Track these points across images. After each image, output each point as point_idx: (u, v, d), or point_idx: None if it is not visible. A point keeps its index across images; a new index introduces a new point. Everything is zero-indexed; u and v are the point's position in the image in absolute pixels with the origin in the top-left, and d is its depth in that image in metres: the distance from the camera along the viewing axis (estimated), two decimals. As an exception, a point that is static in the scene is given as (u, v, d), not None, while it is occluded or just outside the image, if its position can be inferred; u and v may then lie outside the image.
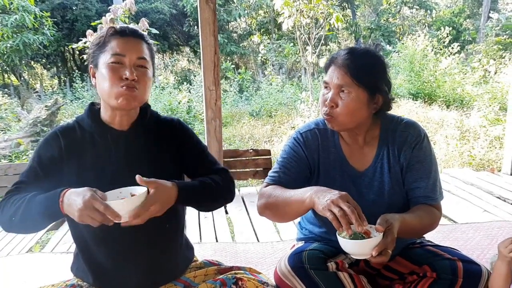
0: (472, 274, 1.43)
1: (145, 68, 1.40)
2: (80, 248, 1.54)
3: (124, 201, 1.22)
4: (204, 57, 3.48)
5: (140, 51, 1.39)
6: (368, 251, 1.26)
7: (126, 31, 1.39)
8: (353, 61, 1.45)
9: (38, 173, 1.39)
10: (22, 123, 8.90)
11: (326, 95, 1.50)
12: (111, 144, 1.44)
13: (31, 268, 2.25)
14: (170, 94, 10.98)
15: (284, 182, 1.57)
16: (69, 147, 1.41)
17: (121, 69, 1.34)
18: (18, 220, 1.30)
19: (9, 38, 11.76)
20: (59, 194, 1.25)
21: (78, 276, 1.55)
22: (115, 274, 1.51)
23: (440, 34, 12.22)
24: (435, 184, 1.56)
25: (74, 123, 1.48)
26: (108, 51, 1.35)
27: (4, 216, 1.34)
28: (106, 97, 1.39)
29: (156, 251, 1.54)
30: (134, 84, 1.36)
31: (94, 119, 1.46)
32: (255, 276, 1.58)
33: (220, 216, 3.25)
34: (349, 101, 1.45)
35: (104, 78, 1.35)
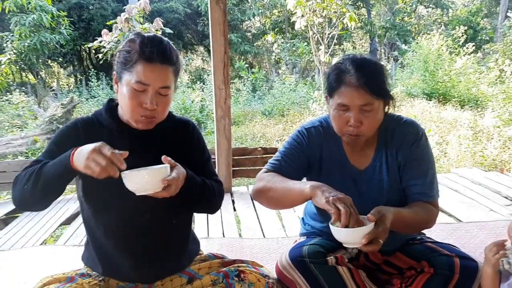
0: (468, 270, 1.46)
1: (166, 95, 1.42)
2: (90, 239, 1.60)
3: (142, 170, 1.27)
4: (214, 57, 3.53)
5: (165, 80, 1.39)
6: (359, 239, 1.29)
7: (154, 56, 1.36)
8: (367, 77, 1.45)
9: (54, 152, 1.40)
10: (38, 121, 9.10)
11: (345, 116, 1.49)
12: (127, 142, 1.48)
13: (44, 259, 2.34)
14: (184, 93, 11.07)
15: (284, 171, 1.60)
16: (87, 139, 1.41)
17: (143, 96, 1.36)
18: (30, 186, 1.31)
19: (27, 37, 11.99)
20: (70, 153, 1.28)
21: (88, 265, 1.62)
22: (123, 265, 1.57)
23: (455, 34, 12.09)
24: (432, 182, 1.58)
25: (93, 117, 1.53)
26: (133, 74, 1.36)
27: (18, 186, 1.36)
28: (126, 114, 1.43)
29: (163, 245, 1.59)
30: (153, 113, 1.39)
31: (112, 116, 1.50)
32: (257, 269, 1.63)
33: (228, 213, 3.31)
34: (374, 115, 1.48)
35: (125, 97, 1.38)
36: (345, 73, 1.48)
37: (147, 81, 1.35)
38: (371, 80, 1.45)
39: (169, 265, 1.64)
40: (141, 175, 1.26)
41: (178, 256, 1.65)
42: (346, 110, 1.48)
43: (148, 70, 1.35)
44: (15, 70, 14.84)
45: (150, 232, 1.54)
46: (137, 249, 1.55)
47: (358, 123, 1.47)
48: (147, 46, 1.36)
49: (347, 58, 1.54)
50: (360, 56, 1.57)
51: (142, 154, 1.49)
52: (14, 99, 10.90)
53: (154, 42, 1.38)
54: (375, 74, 1.49)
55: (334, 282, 1.51)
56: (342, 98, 1.47)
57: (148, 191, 1.26)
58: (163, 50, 1.40)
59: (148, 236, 1.54)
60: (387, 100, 1.52)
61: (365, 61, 1.51)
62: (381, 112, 1.51)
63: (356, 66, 1.47)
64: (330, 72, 1.54)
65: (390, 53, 19.48)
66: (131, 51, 1.37)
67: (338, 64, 1.54)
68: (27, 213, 3.56)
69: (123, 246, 1.54)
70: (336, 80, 1.50)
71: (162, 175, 1.28)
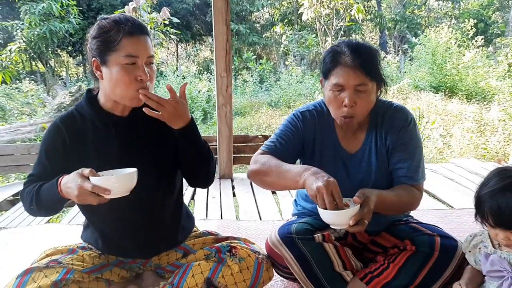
0: (448, 248, 1.53)
1: (152, 64, 1.48)
2: (89, 221, 1.69)
3: (110, 177, 1.34)
4: (217, 45, 3.60)
5: (149, 48, 1.45)
6: (346, 220, 1.34)
7: (134, 30, 1.41)
8: (362, 58, 1.51)
9: (46, 165, 1.51)
10: (47, 109, 9.24)
11: (339, 97, 1.53)
12: (113, 130, 1.53)
13: (49, 236, 2.45)
14: (191, 83, 11.12)
15: (279, 152, 1.66)
16: (72, 137, 1.50)
17: (135, 70, 1.41)
18: (36, 208, 1.47)
19: (37, 25, 12.07)
20: (56, 184, 1.37)
21: (87, 242, 1.71)
22: (121, 243, 1.67)
23: (464, 27, 11.99)
24: (418, 166, 1.63)
25: (74, 111, 1.56)
26: (120, 51, 1.39)
27: (25, 205, 1.51)
28: (118, 97, 1.46)
29: (158, 223, 1.68)
30: (147, 85, 1.44)
31: (93, 107, 1.53)
32: (248, 245, 1.71)
33: (227, 198, 3.40)
34: (367, 96, 1.53)
35: (117, 79, 1.41)
36: (341, 54, 1.53)
37: (136, 53, 1.40)
38: (366, 62, 1.51)
39: (165, 241, 1.73)
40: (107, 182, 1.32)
41: (173, 233, 1.74)
42: (341, 90, 1.53)
43: (134, 42, 1.40)
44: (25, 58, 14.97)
45: (146, 211, 1.62)
46: (134, 228, 1.64)
47: (352, 103, 1.51)
48: (124, 23, 1.41)
49: (342, 42, 1.59)
50: (355, 40, 1.62)
51: (127, 139, 1.55)
52: (23, 87, 11.05)
53: (126, 19, 1.43)
54: (370, 57, 1.54)
55: (320, 258, 1.58)
56: (338, 78, 1.52)
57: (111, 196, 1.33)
58: (138, 23, 1.46)
59: (144, 215, 1.62)
60: (380, 83, 1.57)
61: (359, 44, 1.57)
62: (374, 94, 1.56)
63: (352, 48, 1.53)
64: (326, 55, 1.60)
65: (400, 46, 19.32)
66: (109, 32, 1.40)
67: (333, 46, 1.60)
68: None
69: (120, 226, 1.63)
70: (332, 61, 1.55)
71: (126, 182, 1.35)
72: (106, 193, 1.30)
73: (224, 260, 1.62)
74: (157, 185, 1.61)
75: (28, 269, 1.49)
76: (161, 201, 1.64)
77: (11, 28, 12.60)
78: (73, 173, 1.33)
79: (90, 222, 1.69)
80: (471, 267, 1.46)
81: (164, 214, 1.68)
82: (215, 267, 1.60)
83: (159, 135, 1.57)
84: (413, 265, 1.54)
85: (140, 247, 1.69)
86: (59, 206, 1.50)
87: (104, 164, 1.48)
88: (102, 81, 1.47)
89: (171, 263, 1.71)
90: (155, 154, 1.58)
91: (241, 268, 1.60)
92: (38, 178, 1.51)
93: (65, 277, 1.46)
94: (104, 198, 1.32)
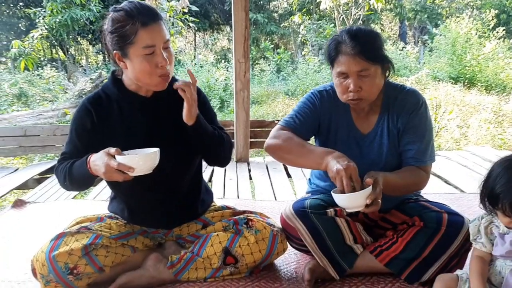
0: (454, 224, 1.60)
1: (169, 47, 1.55)
2: (116, 194, 1.82)
3: (135, 156, 1.45)
4: (236, 31, 3.68)
5: (164, 34, 1.52)
6: (362, 202, 1.42)
7: (147, 19, 1.47)
8: (362, 45, 1.56)
9: (76, 144, 1.64)
10: (68, 95, 9.46)
11: (345, 83, 1.60)
12: (138, 110, 1.65)
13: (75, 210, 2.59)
14: (209, 71, 11.22)
15: (298, 128, 1.73)
16: (99, 116, 1.61)
17: (154, 58, 1.49)
18: (69, 183, 1.60)
19: (58, 13, 12.21)
20: (86, 162, 1.49)
21: (114, 212, 1.84)
22: (146, 215, 1.79)
23: (485, 17, 11.78)
24: (426, 148, 1.69)
25: (100, 92, 1.67)
26: (138, 44, 1.46)
27: (59, 181, 1.64)
28: (143, 83, 1.57)
29: (179, 196, 1.80)
30: (167, 69, 1.54)
31: (119, 88, 1.64)
32: (264, 219, 1.82)
33: (244, 180, 3.50)
34: (371, 80, 1.58)
35: (140, 69, 1.50)
36: (341, 43, 1.59)
37: (153, 42, 1.47)
38: (365, 48, 1.56)
39: (186, 213, 1.84)
40: (132, 160, 1.42)
41: (193, 205, 1.85)
42: (345, 77, 1.60)
43: (149, 32, 1.47)
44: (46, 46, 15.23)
45: (167, 185, 1.73)
46: (157, 201, 1.76)
47: (357, 88, 1.58)
48: (138, 14, 1.46)
49: (343, 30, 1.65)
50: (356, 27, 1.68)
51: (152, 118, 1.66)
52: (45, 74, 11.28)
53: (138, 9, 1.48)
54: (369, 42, 1.59)
55: (332, 231, 1.67)
56: (341, 67, 1.59)
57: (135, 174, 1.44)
58: (150, 9, 1.51)
59: (165, 189, 1.74)
60: (385, 65, 1.63)
61: (359, 30, 1.63)
62: (379, 76, 1.62)
63: (351, 36, 1.58)
64: (329, 44, 1.66)
65: (420, 36, 19.03)
66: (124, 27, 1.46)
67: (335, 36, 1.66)
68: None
69: (144, 199, 1.75)
70: (334, 50, 1.62)
71: (150, 161, 1.46)
72: (130, 171, 1.41)
73: (241, 232, 1.72)
74: (178, 160, 1.71)
75: (61, 233, 1.62)
76: (182, 176, 1.75)
77: (34, 15, 12.82)
78: (101, 152, 1.45)
79: (116, 195, 1.82)
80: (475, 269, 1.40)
81: (184, 188, 1.79)
82: (233, 237, 1.71)
83: (179, 115, 1.66)
84: (420, 240, 1.62)
85: (162, 219, 1.81)
86: (89, 182, 1.62)
87: (129, 140, 1.59)
88: (126, 70, 1.56)
89: (191, 233, 1.82)
90: (176, 131, 1.68)
91: (257, 239, 1.71)
92: (70, 155, 1.63)
93: (94, 241, 1.59)
94: (128, 176, 1.43)
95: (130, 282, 1.63)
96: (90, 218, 1.77)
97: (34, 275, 1.61)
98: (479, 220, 1.44)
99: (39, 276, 1.56)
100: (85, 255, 1.56)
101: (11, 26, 16.52)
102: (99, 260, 1.59)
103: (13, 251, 2.10)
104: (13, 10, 16.47)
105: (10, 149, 4.43)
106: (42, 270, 1.54)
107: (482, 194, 1.40)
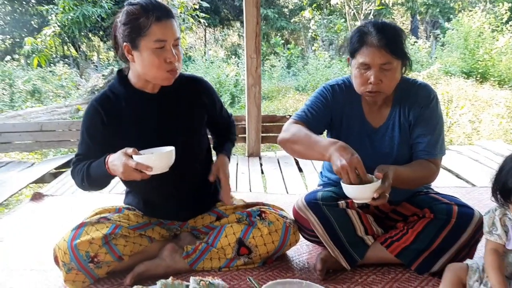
0: (464, 215, 1.63)
1: (178, 45, 1.61)
2: (133, 189, 1.87)
3: (151, 155, 1.51)
4: (247, 27, 3.73)
5: (176, 31, 1.57)
6: (370, 194, 1.44)
7: (162, 15, 1.53)
8: (388, 38, 1.59)
9: (89, 144, 1.69)
10: (80, 91, 9.58)
11: (366, 74, 1.62)
12: (145, 106, 1.70)
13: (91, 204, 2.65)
14: (219, 67, 11.26)
15: (310, 121, 1.76)
16: (108, 115, 1.67)
17: (164, 52, 1.55)
18: (87, 184, 1.66)
19: (70, 10, 12.34)
20: (104, 162, 1.55)
21: (130, 205, 1.89)
22: (160, 207, 1.85)
23: (498, 11, 11.64)
24: (437, 141, 1.71)
25: (107, 91, 1.72)
26: (150, 37, 1.52)
27: (77, 183, 1.71)
28: (150, 77, 1.62)
29: (194, 190, 1.86)
30: (176, 65, 1.59)
31: (126, 86, 1.69)
32: (277, 211, 1.87)
33: (256, 173, 3.56)
34: (392, 73, 1.61)
35: (148, 61, 1.55)
36: (367, 34, 1.61)
37: (164, 37, 1.53)
38: (391, 41, 1.59)
39: (200, 205, 1.90)
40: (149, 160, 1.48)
41: (205, 198, 1.91)
42: (367, 69, 1.62)
43: (162, 27, 1.52)
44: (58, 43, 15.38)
45: (183, 180, 1.79)
46: (173, 195, 1.82)
47: (378, 80, 1.60)
48: (153, 9, 1.52)
49: (369, 22, 1.68)
50: (381, 20, 1.71)
51: (159, 114, 1.71)
52: (57, 70, 11.42)
53: (153, 4, 1.54)
54: (395, 36, 1.62)
55: (344, 222, 1.71)
56: (364, 58, 1.60)
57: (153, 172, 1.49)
58: (165, 7, 1.57)
59: (181, 184, 1.80)
60: (404, 61, 1.66)
61: (385, 24, 1.66)
62: (398, 71, 1.65)
63: (378, 29, 1.61)
64: (353, 35, 1.68)
65: (432, 31, 18.84)
66: (139, 19, 1.52)
67: (360, 27, 1.69)
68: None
69: (160, 194, 1.81)
70: (358, 41, 1.63)
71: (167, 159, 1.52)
72: (148, 170, 1.47)
73: (254, 223, 1.77)
74: (188, 153, 1.76)
75: (82, 223, 1.68)
76: (193, 167, 1.80)
77: (46, 12, 12.96)
78: (118, 152, 1.51)
79: (132, 190, 1.87)
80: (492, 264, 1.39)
81: (196, 180, 1.85)
82: (246, 229, 1.76)
83: (186, 108, 1.73)
84: (431, 231, 1.65)
85: (176, 211, 1.87)
86: (107, 182, 1.68)
87: (139, 136, 1.65)
88: (133, 63, 1.61)
89: (205, 225, 1.87)
90: (183, 125, 1.74)
91: (270, 230, 1.76)
92: (84, 156, 1.69)
93: (114, 231, 1.65)
94: (146, 174, 1.49)
95: (147, 271, 1.69)
96: (109, 209, 1.83)
97: (56, 263, 1.67)
98: (493, 212, 1.44)
99: (61, 264, 1.62)
100: (105, 244, 1.62)
101: (23, 24, 16.70)
102: (119, 249, 1.65)
103: (34, 241, 2.18)
104: (26, 8, 16.64)
105: (26, 144, 4.54)
106: (64, 258, 1.60)
107: (494, 187, 1.41)
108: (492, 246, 1.42)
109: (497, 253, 1.40)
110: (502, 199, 1.39)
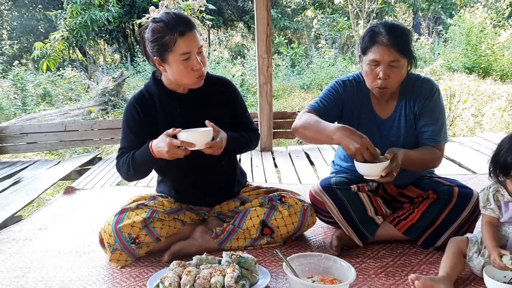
0: (464, 195, 1.82)
1: (202, 52, 1.81)
2: (164, 178, 2.07)
3: (193, 132, 1.72)
4: (258, 29, 3.93)
5: (198, 41, 1.76)
6: (379, 172, 1.65)
7: (185, 29, 1.71)
8: (396, 38, 1.77)
9: (130, 136, 1.91)
10: (91, 93, 9.78)
11: (375, 71, 1.81)
12: (177, 105, 1.91)
13: (119, 196, 2.86)
14: (225, 67, 11.44)
15: (322, 111, 1.94)
16: (144, 110, 1.89)
17: (190, 62, 1.74)
18: (132, 173, 1.87)
19: (78, 14, 12.56)
20: (148, 148, 1.76)
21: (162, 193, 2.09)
22: (190, 195, 2.05)
23: (500, 6, 11.76)
24: (440, 129, 1.91)
25: (143, 91, 1.94)
26: (176, 51, 1.71)
27: (122, 173, 1.92)
28: (181, 83, 1.84)
29: (219, 178, 2.06)
30: (202, 70, 1.80)
31: (159, 87, 1.91)
32: (295, 195, 2.06)
33: (269, 166, 3.76)
34: (399, 71, 1.80)
35: (178, 72, 1.76)
36: (378, 34, 1.80)
37: (189, 49, 1.72)
38: (399, 41, 1.78)
39: (224, 193, 2.10)
40: (192, 137, 1.69)
41: (231, 185, 2.10)
42: (376, 65, 1.81)
43: (186, 40, 1.71)
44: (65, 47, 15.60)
45: (210, 170, 1.99)
46: (199, 183, 2.02)
47: (386, 76, 1.79)
48: (176, 25, 1.70)
49: (380, 22, 1.88)
50: (391, 21, 1.90)
51: (189, 112, 1.92)
52: (66, 74, 11.63)
53: (177, 19, 1.72)
54: (403, 36, 1.81)
55: (356, 204, 1.90)
56: (374, 55, 1.79)
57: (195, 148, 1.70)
58: (186, 20, 1.74)
59: (208, 173, 2.00)
60: (410, 59, 1.85)
61: (395, 25, 1.84)
62: (405, 69, 1.84)
63: (388, 29, 1.80)
64: (365, 34, 1.88)
65: (434, 27, 18.93)
66: (164, 37, 1.71)
67: (372, 27, 1.88)
68: (100, 163, 4.24)
69: (189, 182, 2.02)
70: (370, 40, 1.82)
71: (206, 137, 1.71)
72: (192, 146, 1.67)
73: (275, 207, 1.97)
74: None
75: (123, 209, 1.89)
76: (219, 161, 1.99)
77: (55, 17, 13.18)
78: (160, 136, 1.72)
79: (164, 178, 2.08)
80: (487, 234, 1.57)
81: (222, 171, 2.05)
82: (269, 212, 1.96)
83: (213, 107, 1.94)
84: (434, 210, 1.84)
85: (203, 198, 2.07)
86: (150, 168, 1.90)
87: None
88: (165, 72, 1.82)
89: (231, 210, 2.08)
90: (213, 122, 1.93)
91: (290, 213, 1.96)
92: (127, 149, 1.90)
93: (152, 215, 1.85)
94: (188, 150, 1.69)
95: (182, 250, 1.89)
96: (144, 196, 2.04)
97: (102, 245, 1.88)
98: (488, 190, 1.63)
99: (107, 245, 1.83)
100: (144, 227, 1.83)
101: (30, 29, 16.95)
102: (157, 231, 1.85)
103: (75, 228, 2.38)
104: (32, 13, 16.87)
105: (52, 144, 4.77)
106: (109, 240, 1.81)
107: (494, 165, 1.57)
108: (487, 219, 1.61)
109: (492, 225, 1.59)
110: (503, 175, 1.55)
